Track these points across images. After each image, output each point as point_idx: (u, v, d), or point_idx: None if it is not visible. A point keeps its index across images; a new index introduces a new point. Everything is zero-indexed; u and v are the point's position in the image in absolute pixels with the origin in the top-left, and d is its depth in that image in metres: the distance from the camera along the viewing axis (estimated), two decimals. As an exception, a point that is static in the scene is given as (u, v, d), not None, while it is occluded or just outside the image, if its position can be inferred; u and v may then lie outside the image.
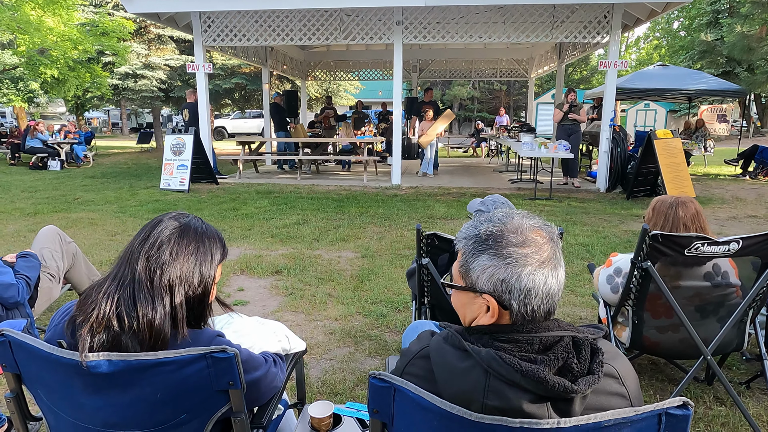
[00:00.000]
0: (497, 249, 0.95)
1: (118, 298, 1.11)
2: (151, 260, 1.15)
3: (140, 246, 1.16)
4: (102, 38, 13.39)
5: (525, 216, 0.99)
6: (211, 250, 1.23)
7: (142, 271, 1.14)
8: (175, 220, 1.22)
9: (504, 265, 0.94)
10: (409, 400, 0.96)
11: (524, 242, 0.94)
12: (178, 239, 1.18)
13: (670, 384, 2.66)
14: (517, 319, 0.95)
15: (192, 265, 1.19)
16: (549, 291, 0.93)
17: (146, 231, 1.19)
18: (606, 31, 8.60)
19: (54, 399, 1.17)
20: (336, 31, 9.20)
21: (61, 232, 3.25)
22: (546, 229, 0.98)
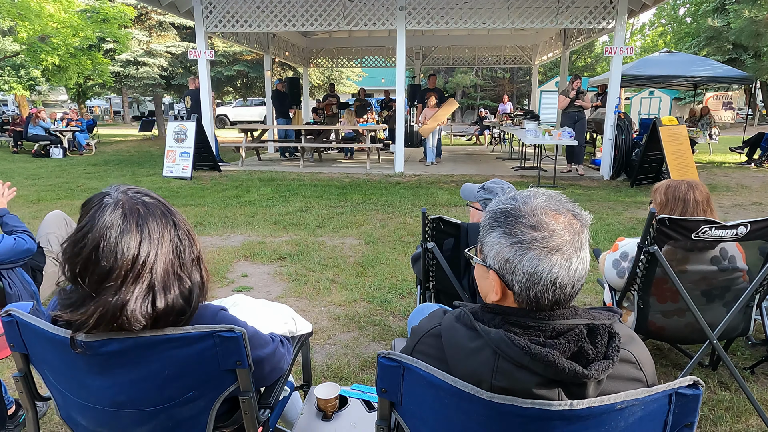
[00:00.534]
0: (507, 227, 0.92)
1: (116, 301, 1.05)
2: (131, 256, 1.06)
3: (114, 258, 1.04)
4: (103, 25, 13.30)
5: (551, 198, 0.94)
6: (163, 216, 1.13)
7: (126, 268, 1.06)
8: (115, 209, 1.08)
9: (510, 245, 0.91)
10: (419, 379, 0.95)
11: (536, 225, 0.90)
12: (134, 222, 1.08)
13: (675, 369, 2.66)
14: (521, 303, 0.92)
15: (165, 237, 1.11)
16: (555, 280, 0.89)
17: (95, 235, 1.06)
18: (612, 16, 8.49)
19: (60, 379, 1.17)
20: (338, 17, 9.11)
21: (67, 217, 3.25)
22: (571, 215, 0.92)
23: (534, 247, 0.89)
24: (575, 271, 0.90)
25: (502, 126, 12.33)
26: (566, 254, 0.89)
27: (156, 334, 1.06)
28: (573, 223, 0.91)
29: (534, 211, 0.91)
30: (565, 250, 0.89)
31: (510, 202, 0.95)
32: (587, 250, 0.93)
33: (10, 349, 1.22)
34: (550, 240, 0.88)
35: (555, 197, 0.95)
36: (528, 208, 0.92)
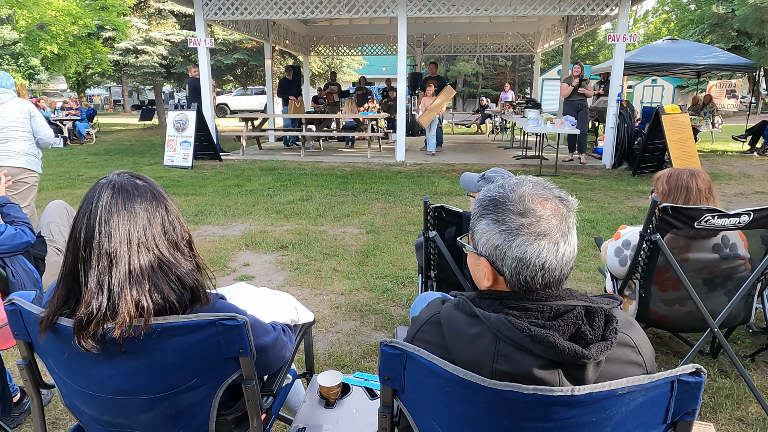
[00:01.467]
0: (496, 215, 0.94)
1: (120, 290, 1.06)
2: (138, 245, 1.08)
3: (107, 239, 1.06)
4: (102, 12, 13.20)
5: (538, 185, 0.96)
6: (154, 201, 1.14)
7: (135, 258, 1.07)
8: (111, 197, 1.10)
9: (498, 232, 0.93)
10: (421, 367, 0.95)
11: (523, 212, 0.92)
12: (124, 210, 1.09)
13: (675, 357, 2.67)
14: (512, 287, 0.94)
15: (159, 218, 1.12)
16: (544, 264, 0.91)
17: (94, 222, 1.08)
18: (615, 3, 8.41)
19: (63, 368, 1.18)
20: (339, 5, 9.03)
21: (69, 207, 3.25)
22: (557, 201, 0.94)
23: (522, 233, 0.91)
24: (563, 255, 0.92)
25: (503, 115, 12.27)
26: (554, 239, 0.91)
27: (159, 322, 1.06)
28: (559, 209, 0.93)
29: (521, 198, 0.93)
30: (553, 235, 0.91)
31: (498, 190, 0.97)
32: (574, 234, 0.95)
33: (14, 338, 1.22)
34: (537, 226, 0.91)
35: (542, 184, 0.97)
36: (515, 195, 0.94)
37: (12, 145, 3.83)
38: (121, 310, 1.03)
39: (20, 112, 3.83)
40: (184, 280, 1.12)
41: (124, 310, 1.03)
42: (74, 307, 1.08)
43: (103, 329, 1.04)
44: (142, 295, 1.05)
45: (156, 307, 1.07)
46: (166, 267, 1.11)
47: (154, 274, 1.09)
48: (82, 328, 1.04)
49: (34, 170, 3.98)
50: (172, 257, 1.12)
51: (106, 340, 1.06)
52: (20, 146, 3.86)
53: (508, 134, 13.54)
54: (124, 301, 1.04)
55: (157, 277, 1.09)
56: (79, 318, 1.04)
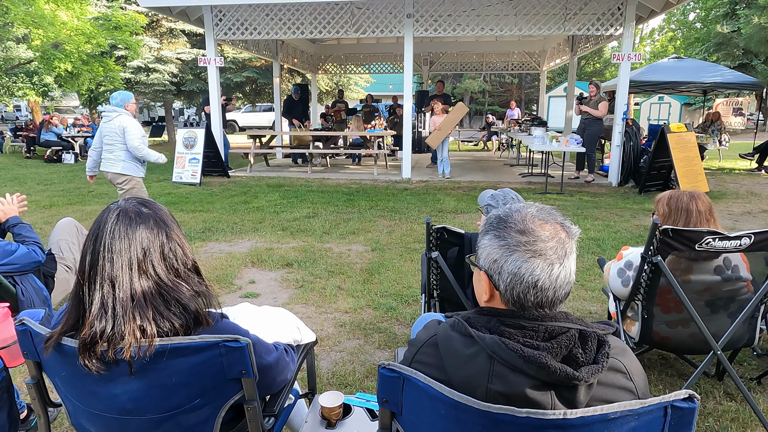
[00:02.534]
0: (498, 231, 0.99)
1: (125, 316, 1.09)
2: (144, 270, 1.12)
3: (109, 263, 1.11)
4: (115, 32, 13.49)
5: (543, 209, 1.01)
6: (159, 222, 1.18)
7: (143, 285, 1.12)
8: (118, 220, 1.15)
9: (498, 247, 0.98)
10: (418, 390, 0.98)
11: (524, 230, 0.97)
12: (130, 236, 1.13)
13: (680, 379, 2.65)
14: (507, 303, 0.98)
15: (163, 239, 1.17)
16: (536, 282, 0.94)
17: (102, 247, 1.12)
18: (620, 23, 8.50)
19: (69, 388, 1.20)
20: (347, 25, 9.19)
21: (78, 224, 3.31)
22: (559, 226, 0.99)
23: (519, 250, 0.96)
24: (557, 277, 0.96)
25: (509, 132, 12.33)
26: (549, 260, 0.95)
27: (164, 343, 1.09)
28: (559, 233, 0.98)
29: (523, 219, 0.99)
30: (548, 255, 0.95)
31: (505, 210, 1.03)
32: (572, 260, 0.98)
33: (24, 357, 1.26)
34: (534, 244, 0.95)
35: (547, 209, 1.02)
36: (519, 215, 1.00)
37: (113, 154, 4.73)
38: (127, 335, 1.06)
39: (117, 126, 4.66)
40: (185, 304, 1.15)
41: (130, 333, 1.06)
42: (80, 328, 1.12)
43: (113, 350, 1.07)
44: (145, 320, 1.08)
45: (160, 331, 1.10)
46: (165, 292, 1.14)
47: (154, 299, 1.12)
48: (86, 348, 1.07)
49: (130, 174, 4.82)
50: (171, 283, 1.16)
51: (112, 361, 1.09)
52: (118, 155, 4.72)
53: (514, 151, 13.58)
54: (129, 325, 1.07)
55: (157, 302, 1.12)
56: (83, 338, 1.07)
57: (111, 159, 4.76)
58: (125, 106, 4.75)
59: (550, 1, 8.58)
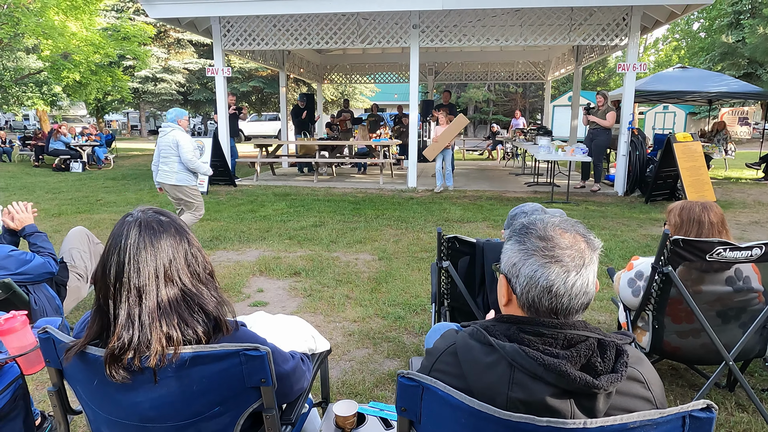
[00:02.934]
0: (520, 237, 1.03)
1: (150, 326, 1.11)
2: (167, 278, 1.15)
3: (135, 274, 1.13)
4: (123, 42, 13.68)
5: (566, 221, 1.04)
6: (177, 234, 1.21)
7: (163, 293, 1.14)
8: (137, 232, 1.17)
9: (518, 251, 1.01)
10: (438, 398, 0.99)
11: (543, 237, 1.00)
12: (153, 245, 1.16)
13: (691, 390, 2.64)
14: (522, 307, 1.01)
15: (182, 250, 1.19)
16: (551, 288, 0.96)
17: (123, 254, 1.14)
18: (624, 33, 8.54)
19: (91, 396, 1.22)
20: (353, 35, 9.27)
21: (89, 233, 3.34)
22: (579, 236, 1.01)
23: (537, 254, 0.98)
24: (572, 284, 0.97)
25: (514, 141, 12.36)
26: (565, 267, 0.97)
27: (186, 351, 1.11)
28: (579, 243, 1.00)
29: (545, 226, 1.02)
30: (565, 262, 0.97)
31: (530, 218, 1.06)
32: (591, 272, 1.00)
33: (46, 365, 1.27)
34: (551, 250, 0.98)
35: (571, 221, 1.04)
36: (541, 224, 1.03)
37: (168, 166, 5.03)
38: (154, 343, 1.08)
39: (171, 140, 4.96)
40: (207, 309, 1.18)
41: (156, 341, 1.08)
42: (105, 339, 1.14)
43: (139, 359, 1.09)
44: (171, 327, 1.10)
45: (184, 338, 1.12)
46: (190, 298, 1.16)
47: (179, 306, 1.14)
48: (114, 359, 1.09)
49: (184, 185, 5.07)
50: (195, 288, 1.18)
51: (137, 370, 1.11)
52: (173, 167, 5.02)
53: (520, 160, 13.60)
54: (156, 333, 1.09)
55: (181, 309, 1.14)
56: (111, 349, 1.09)
57: (166, 171, 5.06)
58: (178, 121, 5.10)
59: (556, 11, 8.63)
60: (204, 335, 1.15)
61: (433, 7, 8.19)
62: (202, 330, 1.15)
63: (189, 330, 1.13)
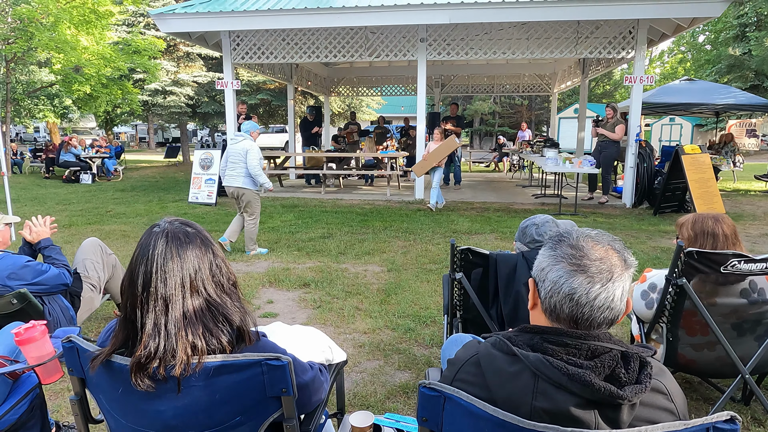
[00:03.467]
0: (553, 244, 1.05)
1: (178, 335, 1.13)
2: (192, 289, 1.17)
3: (162, 283, 1.15)
4: (134, 56, 13.86)
5: (601, 234, 1.06)
6: (203, 243, 1.23)
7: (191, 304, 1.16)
8: (164, 241, 1.19)
9: (549, 256, 1.04)
10: (460, 408, 0.99)
11: (575, 246, 1.01)
12: (181, 254, 1.18)
13: (706, 403, 2.62)
14: (545, 312, 1.02)
15: (207, 260, 1.21)
16: (573, 295, 0.97)
17: (151, 265, 1.16)
18: (631, 46, 8.58)
19: (113, 405, 1.23)
20: (361, 49, 9.37)
21: (102, 244, 3.37)
22: (612, 251, 1.01)
23: (564, 261, 1.00)
24: (596, 295, 0.97)
25: (521, 153, 12.37)
26: (590, 277, 0.97)
27: (209, 360, 1.13)
28: (610, 258, 1.00)
29: (578, 237, 1.04)
30: (591, 272, 0.98)
31: (567, 228, 1.08)
32: (618, 287, 0.98)
33: (69, 374, 1.29)
34: (580, 259, 0.99)
35: (608, 236, 1.06)
36: (576, 234, 1.05)
37: (235, 171, 5.55)
38: (179, 352, 1.10)
39: (242, 148, 5.51)
40: (231, 319, 1.19)
41: (182, 350, 1.10)
42: (131, 347, 1.15)
43: (164, 367, 1.10)
44: (196, 337, 1.12)
45: (209, 347, 1.13)
46: (214, 308, 1.18)
47: (204, 315, 1.16)
48: (140, 367, 1.11)
49: (248, 188, 5.57)
50: (220, 299, 1.20)
51: (162, 379, 1.13)
52: (239, 172, 5.54)
53: (526, 172, 13.61)
54: (181, 342, 1.10)
55: (206, 319, 1.16)
56: (137, 358, 1.11)
57: (233, 175, 5.57)
58: (251, 133, 5.63)
59: (562, 25, 8.70)
60: (228, 345, 1.17)
61: (440, 20, 8.27)
62: (226, 340, 1.17)
63: (213, 339, 1.14)
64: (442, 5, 8.09)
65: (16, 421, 1.83)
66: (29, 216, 3.05)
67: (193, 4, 9.14)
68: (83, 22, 12.76)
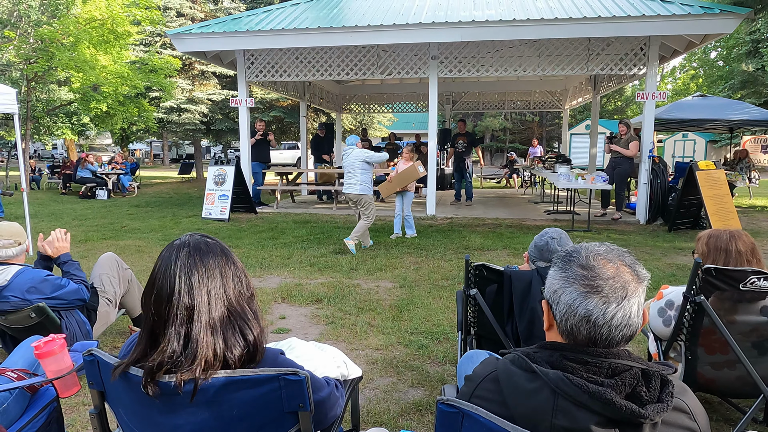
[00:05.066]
0: (563, 264, 1.03)
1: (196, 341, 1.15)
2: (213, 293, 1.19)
3: (187, 293, 1.16)
4: (151, 75, 14.14)
5: (611, 250, 1.03)
6: (224, 257, 1.25)
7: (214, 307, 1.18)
8: (186, 251, 1.21)
9: (559, 278, 1.01)
10: (478, 425, 0.99)
11: (585, 266, 0.99)
12: (207, 261, 1.20)
13: (726, 424, 2.56)
14: (562, 334, 1.01)
15: (231, 275, 1.23)
16: (589, 317, 0.95)
17: (175, 272, 1.18)
18: (643, 63, 8.58)
19: (133, 418, 1.24)
20: (373, 67, 9.48)
21: (119, 259, 3.42)
22: (624, 267, 0.99)
23: (576, 283, 0.98)
24: (612, 316, 0.95)
25: (533, 169, 12.35)
26: (605, 298, 0.96)
27: (227, 375, 1.13)
28: (623, 274, 0.98)
29: (588, 255, 1.01)
30: (605, 293, 0.96)
31: (576, 246, 1.06)
32: (634, 303, 0.97)
33: (89, 386, 1.30)
34: (592, 280, 0.97)
35: (617, 250, 1.03)
36: (585, 252, 1.02)
37: (353, 179, 6.29)
38: (199, 357, 1.11)
39: (355, 157, 6.29)
40: (245, 331, 1.20)
41: (202, 356, 1.11)
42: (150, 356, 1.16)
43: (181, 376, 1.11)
44: (217, 345, 1.13)
45: (225, 360, 1.14)
46: (233, 318, 1.19)
47: (223, 325, 1.17)
48: (153, 372, 1.12)
49: (365, 194, 6.35)
50: (240, 308, 1.21)
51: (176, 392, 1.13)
52: (357, 180, 6.28)
53: (538, 188, 13.56)
54: (202, 350, 1.12)
55: (225, 328, 1.17)
56: (152, 362, 1.13)
57: (351, 183, 6.28)
58: (356, 143, 6.47)
59: (573, 42, 8.74)
60: (239, 358, 1.17)
61: (451, 39, 8.35)
62: (238, 353, 1.17)
63: (229, 351, 1.15)
64: (453, 24, 8.18)
65: (34, 435, 1.84)
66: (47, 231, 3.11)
67: (209, 24, 9.35)
68: (102, 42, 13.07)
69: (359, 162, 6.25)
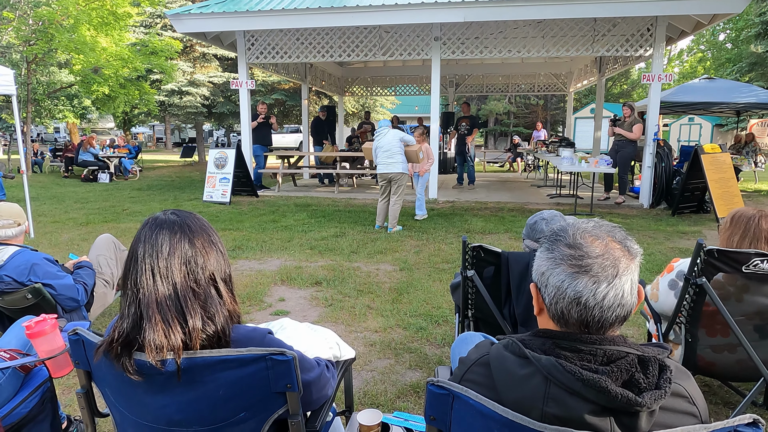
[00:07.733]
0: (549, 244, 0.98)
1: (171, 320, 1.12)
2: (183, 267, 1.16)
3: (155, 260, 1.15)
4: (151, 57, 14.02)
5: (599, 226, 0.97)
6: (204, 233, 1.24)
7: (181, 283, 1.15)
8: (168, 227, 1.19)
9: (547, 259, 0.96)
10: (469, 408, 0.96)
11: (572, 245, 0.94)
12: (184, 237, 1.18)
13: (726, 407, 2.54)
14: (553, 318, 0.96)
15: (209, 250, 1.22)
16: (579, 299, 0.90)
17: (149, 245, 1.17)
18: (649, 44, 8.43)
19: (119, 398, 1.22)
20: (375, 48, 9.35)
21: (116, 241, 3.40)
22: (614, 243, 0.94)
23: (564, 263, 0.93)
24: (603, 295, 0.90)
25: (536, 153, 12.25)
26: (595, 277, 0.90)
27: (213, 355, 1.11)
28: (612, 251, 0.93)
29: (574, 233, 0.95)
30: (595, 271, 0.91)
31: (562, 224, 1.01)
32: (626, 281, 0.92)
33: (75, 366, 1.28)
34: (580, 260, 0.92)
35: (606, 226, 0.98)
36: (572, 230, 0.97)
37: (393, 159, 6.49)
38: (149, 338, 1.10)
39: (393, 137, 6.50)
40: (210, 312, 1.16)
41: (152, 337, 1.10)
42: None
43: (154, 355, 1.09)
44: (171, 324, 1.11)
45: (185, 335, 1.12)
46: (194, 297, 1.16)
47: (177, 304, 1.14)
48: (109, 349, 1.13)
49: (403, 172, 6.59)
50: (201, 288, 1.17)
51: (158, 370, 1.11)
52: (396, 159, 6.49)
53: (541, 172, 13.47)
54: (153, 327, 1.10)
55: (181, 307, 1.13)
56: (109, 338, 1.13)
57: (391, 162, 6.46)
58: (390, 127, 6.68)
59: (578, 22, 8.58)
60: (204, 339, 1.14)
61: (454, 19, 8.21)
62: (200, 334, 1.13)
63: (184, 332, 1.12)
64: (456, 3, 8.03)
65: (27, 414, 1.84)
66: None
67: (208, 5, 9.21)
68: (102, 24, 12.94)
69: (397, 141, 6.43)
